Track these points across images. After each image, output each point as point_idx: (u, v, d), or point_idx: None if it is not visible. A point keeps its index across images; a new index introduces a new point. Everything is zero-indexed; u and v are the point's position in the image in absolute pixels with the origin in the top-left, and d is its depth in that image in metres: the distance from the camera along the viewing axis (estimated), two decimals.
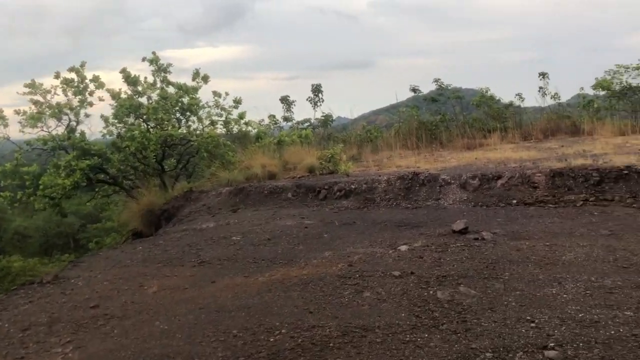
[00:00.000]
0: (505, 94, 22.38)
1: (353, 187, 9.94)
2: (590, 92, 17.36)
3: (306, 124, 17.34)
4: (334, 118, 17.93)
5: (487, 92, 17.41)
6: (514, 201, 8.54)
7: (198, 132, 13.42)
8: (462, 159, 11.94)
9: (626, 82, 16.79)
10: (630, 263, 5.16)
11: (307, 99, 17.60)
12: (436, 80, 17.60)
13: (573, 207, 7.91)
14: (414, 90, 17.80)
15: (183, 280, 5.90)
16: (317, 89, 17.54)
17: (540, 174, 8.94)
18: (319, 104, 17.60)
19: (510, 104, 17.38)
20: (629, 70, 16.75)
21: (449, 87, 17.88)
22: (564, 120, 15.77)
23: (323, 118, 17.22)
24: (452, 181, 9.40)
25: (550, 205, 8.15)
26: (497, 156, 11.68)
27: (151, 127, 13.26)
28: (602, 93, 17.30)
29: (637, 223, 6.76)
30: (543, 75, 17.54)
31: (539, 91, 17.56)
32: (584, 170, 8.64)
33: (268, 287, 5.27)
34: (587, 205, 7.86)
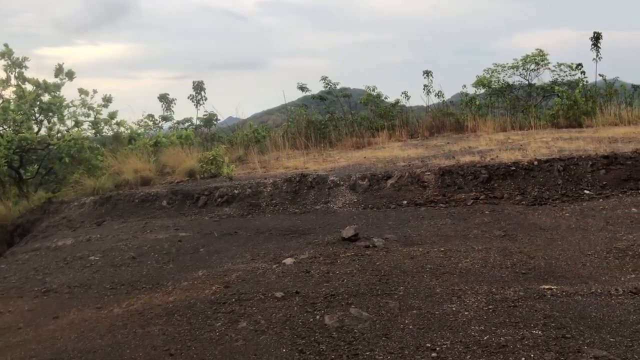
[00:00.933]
0: (391, 93, 22.58)
1: (236, 191, 9.11)
2: (472, 90, 17.82)
3: (187, 124, 16.16)
4: (219, 118, 16.88)
5: (373, 90, 17.25)
6: (405, 202, 8.15)
7: (60, 134, 11.88)
8: (351, 159, 11.50)
9: (503, 80, 17.46)
10: (528, 268, 4.82)
11: (188, 97, 16.44)
12: (324, 79, 17.16)
13: (464, 206, 7.63)
14: (301, 88, 17.21)
15: (18, 316, 4.80)
16: (199, 87, 16.41)
17: (429, 173, 8.64)
18: (201, 102, 16.49)
19: (397, 102, 17.34)
20: (505, 69, 17.42)
21: (337, 86, 17.52)
22: (449, 118, 15.93)
23: (206, 117, 16.12)
24: (342, 182, 8.88)
25: (442, 205, 7.83)
26: (386, 155, 11.37)
27: (2, 129, 11.55)
28: (482, 91, 17.82)
29: (528, 222, 6.56)
30: (427, 73, 17.72)
31: (424, 89, 17.73)
32: (472, 168, 8.44)
33: (123, 321, 4.32)
34: (478, 204, 7.61)
